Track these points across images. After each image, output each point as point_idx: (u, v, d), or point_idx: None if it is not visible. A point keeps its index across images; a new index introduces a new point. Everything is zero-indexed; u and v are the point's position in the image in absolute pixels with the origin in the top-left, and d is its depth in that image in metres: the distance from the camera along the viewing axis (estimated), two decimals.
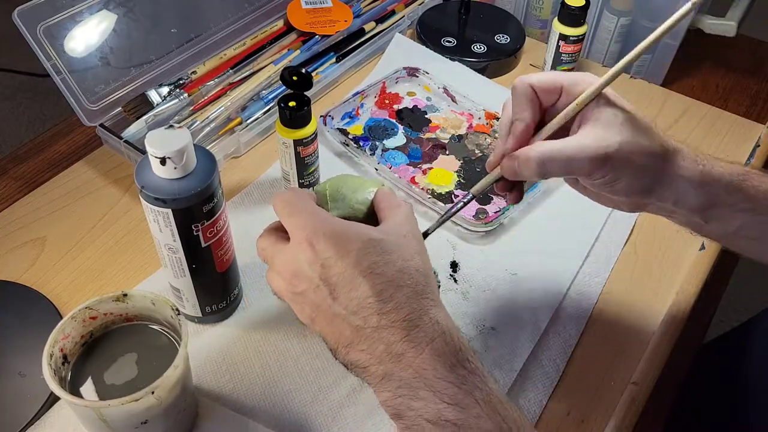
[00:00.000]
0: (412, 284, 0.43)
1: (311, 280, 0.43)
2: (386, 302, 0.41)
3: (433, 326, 0.42)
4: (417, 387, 0.40)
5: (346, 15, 0.90)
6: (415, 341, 0.41)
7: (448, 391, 0.40)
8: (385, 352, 0.41)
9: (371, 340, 0.41)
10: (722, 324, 0.91)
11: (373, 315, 0.41)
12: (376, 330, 0.41)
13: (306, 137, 0.65)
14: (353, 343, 0.42)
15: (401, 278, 0.42)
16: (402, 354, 0.41)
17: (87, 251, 0.66)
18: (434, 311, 0.43)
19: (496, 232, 0.68)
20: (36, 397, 0.53)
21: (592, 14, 0.89)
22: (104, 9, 0.71)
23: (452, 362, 0.41)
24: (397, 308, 0.41)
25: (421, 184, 0.72)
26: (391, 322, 0.41)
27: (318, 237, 0.43)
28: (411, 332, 0.41)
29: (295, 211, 0.45)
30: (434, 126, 0.79)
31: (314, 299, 0.43)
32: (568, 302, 0.63)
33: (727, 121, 0.83)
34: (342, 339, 0.42)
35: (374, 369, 0.41)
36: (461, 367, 0.41)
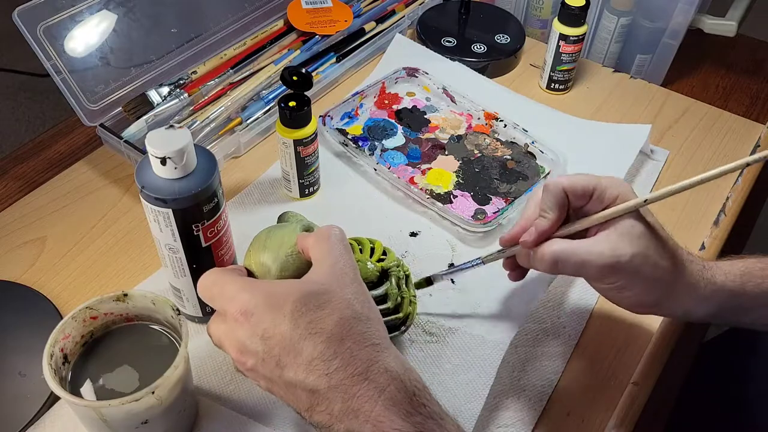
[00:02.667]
0: (354, 334, 0.42)
1: (256, 354, 0.42)
2: (331, 361, 0.41)
3: (382, 375, 0.41)
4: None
5: (346, 15, 0.90)
6: (367, 395, 0.40)
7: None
8: (342, 409, 0.40)
9: (327, 401, 0.41)
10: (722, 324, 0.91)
11: (322, 377, 0.41)
12: (329, 390, 0.41)
13: (306, 137, 0.65)
14: (312, 406, 0.41)
15: (341, 331, 0.42)
16: (358, 410, 0.40)
17: (87, 251, 0.66)
18: (382, 357, 0.42)
19: (494, 233, 0.68)
20: (36, 397, 0.53)
21: (592, 14, 0.89)
22: (104, 9, 0.71)
23: (407, 410, 0.40)
24: (344, 365, 0.41)
25: (420, 184, 0.72)
26: (341, 380, 0.40)
27: (251, 308, 0.42)
28: (362, 386, 0.40)
29: (225, 287, 0.44)
30: (433, 126, 0.79)
31: (264, 372, 0.42)
32: (568, 302, 0.63)
33: (727, 121, 0.83)
34: (301, 404, 0.42)
35: (337, 427, 0.41)
36: (417, 414, 0.40)
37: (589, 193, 0.50)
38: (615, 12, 0.87)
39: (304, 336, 0.41)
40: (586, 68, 0.90)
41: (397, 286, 0.55)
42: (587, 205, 0.51)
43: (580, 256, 0.48)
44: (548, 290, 0.63)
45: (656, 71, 0.90)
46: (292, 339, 0.41)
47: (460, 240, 0.67)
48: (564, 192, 0.50)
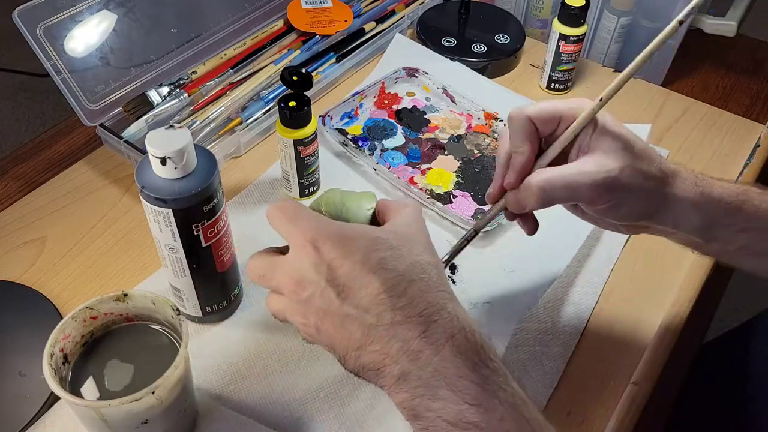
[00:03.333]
0: (426, 278, 0.41)
1: (317, 283, 0.40)
2: (400, 297, 0.39)
3: (452, 321, 0.39)
4: (437, 386, 0.38)
5: (346, 15, 0.90)
6: (433, 338, 0.39)
7: (470, 391, 0.38)
8: (401, 350, 0.39)
9: (385, 338, 0.39)
10: (722, 324, 0.91)
11: (387, 311, 0.39)
12: (391, 327, 0.39)
13: (306, 137, 0.65)
14: (365, 344, 0.39)
15: (413, 272, 0.40)
16: (420, 351, 0.38)
17: (87, 251, 0.66)
18: (452, 305, 0.41)
19: (494, 232, 0.68)
20: (36, 397, 0.53)
21: (592, 14, 0.89)
22: (104, 9, 0.71)
23: (474, 361, 0.39)
24: (412, 303, 0.39)
25: (420, 184, 0.72)
26: (407, 317, 0.39)
27: (322, 238, 0.41)
28: (429, 328, 0.39)
29: (295, 217, 0.43)
30: (433, 126, 0.79)
31: (321, 304, 0.41)
32: (568, 302, 0.63)
33: (727, 121, 0.83)
34: (353, 342, 0.40)
35: (389, 369, 0.39)
36: (484, 366, 0.39)
37: (557, 117, 0.48)
38: (615, 12, 0.87)
39: (374, 269, 0.40)
40: (586, 68, 0.90)
41: None
42: (557, 131, 0.49)
43: (568, 178, 0.46)
44: (548, 290, 0.63)
45: (656, 71, 0.90)
46: (363, 271, 0.40)
47: None
48: (530, 121, 0.48)
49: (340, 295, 0.40)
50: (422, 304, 0.40)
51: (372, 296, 0.40)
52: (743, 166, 0.76)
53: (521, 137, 0.48)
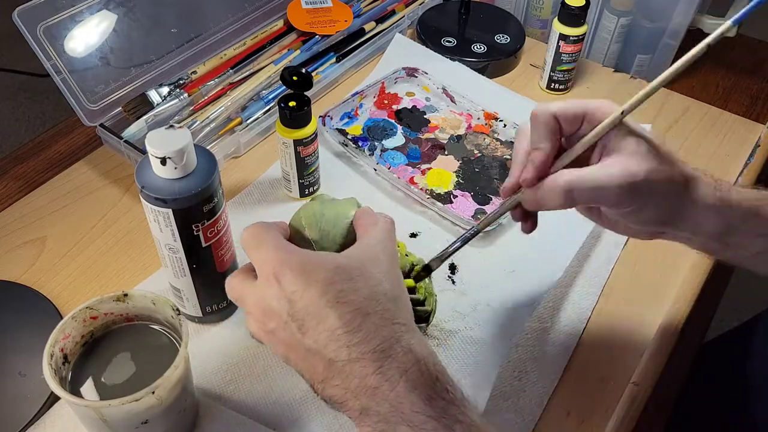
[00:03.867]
0: (381, 311, 0.41)
1: (280, 316, 0.41)
2: (355, 333, 0.40)
3: (405, 355, 0.40)
4: (395, 422, 0.38)
5: (346, 15, 0.90)
6: (388, 374, 0.39)
7: (427, 426, 0.38)
8: (359, 386, 0.39)
9: (344, 374, 0.40)
10: (722, 324, 0.91)
11: (343, 348, 0.40)
12: (348, 363, 0.39)
13: (306, 137, 0.65)
14: (327, 378, 0.40)
15: (369, 305, 0.41)
16: (377, 387, 0.39)
17: (87, 251, 0.66)
18: (407, 338, 0.41)
19: (495, 232, 0.68)
20: (36, 397, 0.53)
21: (592, 14, 0.89)
22: (104, 9, 0.71)
23: (429, 394, 0.39)
24: (367, 339, 0.40)
25: (420, 184, 0.72)
26: (362, 354, 0.39)
27: (284, 270, 0.41)
28: (383, 364, 0.39)
29: (262, 245, 0.44)
30: (433, 126, 0.79)
31: (284, 336, 0.42)
32: (568, 302, 0.63)
33: (727, 121, 0.83)
34: (316, 375, 0.41)
35: (351, 404, 0.40)
36: (440, 399, 0.39)
37: (581, 115, 0.47)
38: (615, 12, 0.87)
39: (331, 303, 0.40)
40: (586, 68, 0.90)
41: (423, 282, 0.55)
42: (580, 130, 0.48)
43: (594, 181, 0.45)
44: (548, 291, 0.63)
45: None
46: (319, 305, 0.40)
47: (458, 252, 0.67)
48: (555, 119, 0.47)
49: (301, 329, 0.41)
50: (376, 340, 0.40)
51: (329, 332, 0.40)
52: (743, 166, 0.76)
53: (543, 134, 0.47)
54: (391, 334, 0.40)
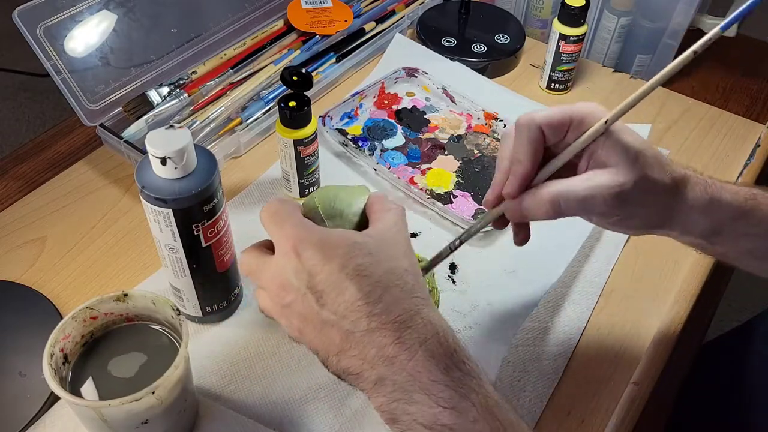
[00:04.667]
0: (401, 284, 0.41)
1: (298, 289, 0.41)
2: (375, 304, 0.40)
3: (425, 326, 0.40)
4: (411, 390, 0.39)
5: (346, 15, 0.90)
6: (407, 343, 0.40)
7: (443, 394, 0.39)
8: (377, 355, 0.40)
9: (362, 344, 0.40)
10: (722, 324, 0.91)
11: (363, 318, 0.40)
12: (367, 333, 0.40)
13: (306, 137, 0.65)
14: (344, 349, 0.41)
15: (389, 279, 0.41)
16: (395, 357, 0.39)
17: (87, 251, 0.66)
18: (426, 311, 0.41)
19: (494, 232, 0.68)
20: (36, 397, 0.53)
21: (592, 14, 0.89)
22: (104, 9, 0.71)
23: (447, 364, 0.39)
24: (387, 310, 0.40)
25: (419, 184, 0.72)
26: (382, 324, 0.40)
27: (304, 245, 0.42)
28: (403, 334, 0.40)
29: (281, 222, 0.44)
30: (433, 126, 0.79)
31: (301, 309, 0.42)
32: (569, 302, 0.63)
33: (727, 121, 0.83)
34: (332, 347, 0.41)
35: (367, 374, 0.40)
36: (456, 369, 0.40)
37: (566, 123, 0.46)
38: (615, 12, 0.87)
39: (351, 276, 0.40)
40: (586, 68, 0.90)
41: None
42: (566, 138, 0.47)
43: (582, 193, 0.45)
44: (548, 290, 0.63)
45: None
46: (339, 278, 0.40)
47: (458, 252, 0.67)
48: (539, 129, 0.46)
49: (319, 301, 0.41)
50: (397, 311, 0.40)
51: (349, 303, 0.40)
52: (743, 166, 0.76)
53: (526, 144, 0.47)
54: (411, 306, 0.41)
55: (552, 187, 0.46)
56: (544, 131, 0.47)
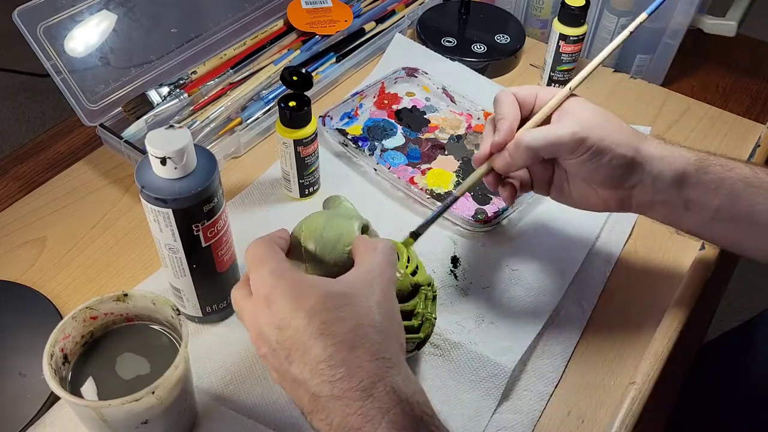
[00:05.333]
0: (367, 344, 0.40)
1: (269, 343, 0.42)
2: (337, 368, 0.39)
3: (388, 395, 0.39)
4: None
5: (346, 15, 0.90)
6: (369, 414, 0.38)
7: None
8: (340, 424, 0.39)
9: (327, 410, 0.39)
10: (722, 324, 0.91)
11: (326, 383, 0.39)
12: (330, 399, 0.39)
13: (306, 137, 0.65)
14: (313, 411, 0.40)
15: (355, 338, 0.40)
16: (359, 428, 0.38)
17: (87, 251, 0.66)
18: (391, 374, 0.40)
19: (495, 232, 0.68)
20: (36, 397, 0.53)
21: (592, 14, 0.89)
22: (104, 9, 0.71)
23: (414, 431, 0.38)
24: (349, 374, 0.39)
25: (419, 184, 0.72)
26: (344, 391, 0.39)
27: (275, 295, 0.42)
28: (365, 403, 0.38)
29: (260, 265, 0.44)
30: (433, 126, 0.79)
31: (274, 363, 0.42)
32: (569, 302, 0.63)
33: (727, 121, 0.83)
34: (304, 405, 0.41)
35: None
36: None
37: (533, 96, 0.56)
38: (615, 12, 0.87)
39: (315, 335, 0.40)
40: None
41: (424, 305, 0.53)
42: (534, 110, 0.56)
43: (552, 132, 0.53)
44: (548, 289, 0.63)
45: (656, 71, 0.90)
46: (304, 335, 0.40)
47: (461, 237, 0.67)
48: (514, 96, 0.56)
49: (288, 358, 0.41)
50: (359, 376, 0.39)
51: (313, 365, 0.40)
52: None
53: (506, 107, 0.55)
54: (374, 370, 0.39)
55: (526, 135, 0.53)
56: (517, 99, 0.56)
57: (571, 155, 0.53)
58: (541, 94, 0.56)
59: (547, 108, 0.55)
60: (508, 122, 0.54)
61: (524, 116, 0.56)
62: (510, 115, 0.55)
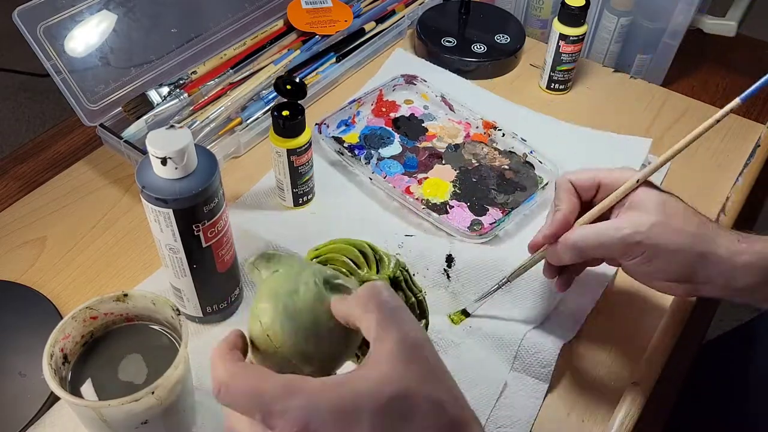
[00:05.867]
0: None
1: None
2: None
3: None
4: None
5: (346, 15, 0.90)
6: None
7: None
8: None
9: None
10: (722, 324, 0.91)
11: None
12: None
13: (299, 147, 0.64)
14: None
15: None
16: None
17: (87, 251, 0.66)
18: None
19: (490, 244, 0.67)
20: (36, 397, 0.53)
21: (592, 14, 0.89)
22: (104, 9, 0.71)
23: None
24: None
25: (416, 194, 0.71)
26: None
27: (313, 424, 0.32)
28: None
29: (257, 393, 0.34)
30: (431, 135, 0.78)
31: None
32: (569, 303, 0.62)
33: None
34: None
35: None
36: None
37: (595, 185, 0.53)
38: (615, 12, 0.87)
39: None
40: (586, 68, 0.90)
41: (408, 289, 0.52)
42: (596, 198, 0.53)
43: (600, 235, 0.50)
44: (547, 292, 0.63)
45: (656, 71, 0.90)
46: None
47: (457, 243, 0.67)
48: (571, 184, 0.53)
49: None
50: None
51: None
52: (743, 166, 0.76)
53: (562, 197, 0.53)
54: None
55: (576, 232, 0.51)
56: (576, 188, 0.53)
57: (622, 258, 0.51)
58: (605, 182, 0.52)
59: (607, 202, 0.52)
60: (562, 213, 0.52)
61: (586, 200, 0.54)
62: (564, 205, 0.53)
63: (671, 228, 0.48)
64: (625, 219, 0.50)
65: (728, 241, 0.49)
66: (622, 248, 0.49)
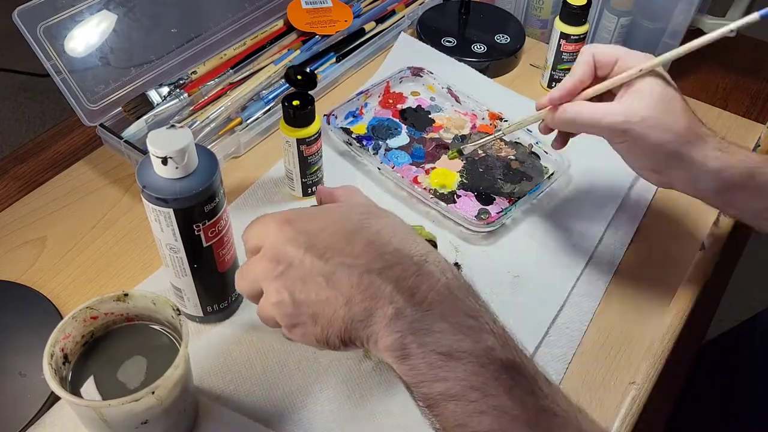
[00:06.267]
0: (404, 232, 0.42)
1: (294, 254, 0.41)
2: (386, 245, 0.40)
3: (442, 262, 0.41)
4: (432, 320, 0.38)
5: (346, 15, 0.90)
6: (426, 276, 0.39)
7: (465, 322, 0.38)
8: (395, 290, 0.39)
9: (378, 281, 0.39)
10: (722, 324, 0.91)
11: (377, 258, 0.40)
12: (384, 270, 0.39)
13: (309, 136, 0.65)
14: (354, 295, 0.39)
15: (392, 230, 0.42)
16: (416, 288, 0.39)
17: (87, 251, 0.66)
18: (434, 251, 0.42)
19: (498, 233, 0.68)
20: (36, 397, 0.53)
21: (592, 14, 0.89)
22: (104, 9, 0.71)
23: (466, 295, 0.40)
24: (400, 250, 0.40)
25: (423, 183, 0.72)
26: (399, 259, 0.40)
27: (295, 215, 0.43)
28: (422, 268, 0.40)
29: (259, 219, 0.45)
30: (438, 126, 0.79)
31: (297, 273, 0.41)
32: (570, 303, 0.62)
33: (727, 121, 0.83)
34: (339, 299, 0.39)
35: (382, 311, 0.39)
36: (474, 300, 0.40)
37: (612, 62, 0.55)
38: (615, 12, 0.87)
39: (357, 228, 0.41)
40: None
41: None
42: (611, 73, 0.55)
43: (593, 116, 0.54)
44: (550, 293, 0.63)
45: None
46: (344, 232, 0.41)
47: (463, 240, 0.67)
48: (592, 56, 0.55)
49: (323, 257, 0.40)
50: (410, 250, 0.41)
51: (359, 249, 0.40)
52: None
53: (579, 66, 0.56)
54: (420, 246, 0.41)
55: (576, 106, 0.55)
56: (595, 60, 0.56)
57: (608, 138, 0.55)
58: (623, 60, 0.55)
59: (609, 82, 0.55)
60: (572, 81, 0.55)
61: (600, 76, 0.56)
62: (578, 74, 0.55)
63: (659, 123, 0.51)
64: (621, 103, 0.53)
65: (708, 148, 0.52)
66: (609, 132, 0.53)
